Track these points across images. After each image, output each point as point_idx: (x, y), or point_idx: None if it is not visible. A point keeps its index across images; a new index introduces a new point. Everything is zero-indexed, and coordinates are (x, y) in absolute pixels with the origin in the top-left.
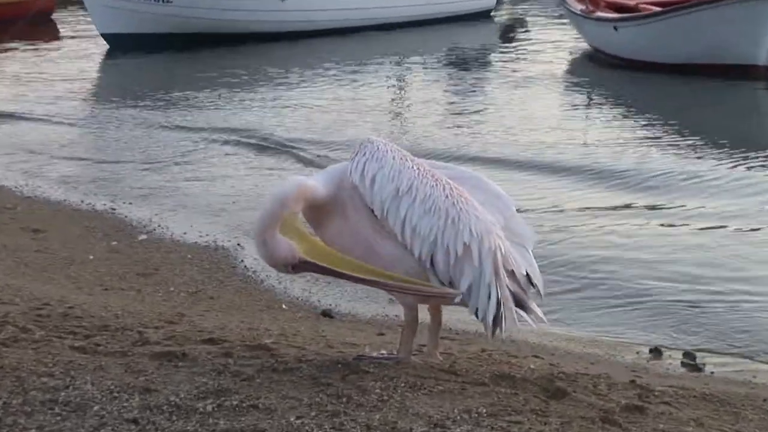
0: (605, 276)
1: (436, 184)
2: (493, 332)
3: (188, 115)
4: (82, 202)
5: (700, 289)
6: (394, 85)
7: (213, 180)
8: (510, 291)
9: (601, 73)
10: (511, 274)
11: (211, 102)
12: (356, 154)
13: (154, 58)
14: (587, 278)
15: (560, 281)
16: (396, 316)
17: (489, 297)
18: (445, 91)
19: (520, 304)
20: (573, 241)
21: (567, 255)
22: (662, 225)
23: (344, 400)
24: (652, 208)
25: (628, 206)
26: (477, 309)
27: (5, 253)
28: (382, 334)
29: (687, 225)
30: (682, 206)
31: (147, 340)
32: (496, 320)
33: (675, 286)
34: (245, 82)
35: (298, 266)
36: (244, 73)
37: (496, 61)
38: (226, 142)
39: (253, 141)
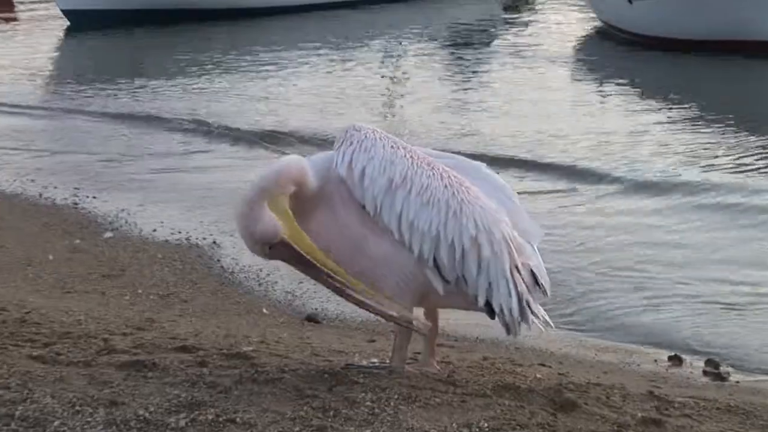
0: (620, 277)
1: (433, 174)
2: (518, 329)
3: (157, 101)
4: (41, 196)
5: (724, 291)
6: (387, 68)
7: (185, 173)
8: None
9: (615, 51)
10: (524, 267)
11: (182, 87)
12: (341, 144)
13: (119, 37)
14: (600, 279)
15: (570, 282)
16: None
17: (509, 292)
18: (444, 74)
19: (528, 304)
20: (584, 238)
21: (578, 253)
22: (682, 223)
23: (331, 413)
24: (671, 206)
25: (644, 203)
26: (499, 306)
27: None
28: (373, 341)
29: (707, 224)
30: (704, 203)
31: (113, 349)
32: (521, 316)
33: (696, 288)
34: (220, 64)
35: (275, 248)
36: (219, 55)
37: (500, 40)
38: (199, 132)
39: (228, 131)
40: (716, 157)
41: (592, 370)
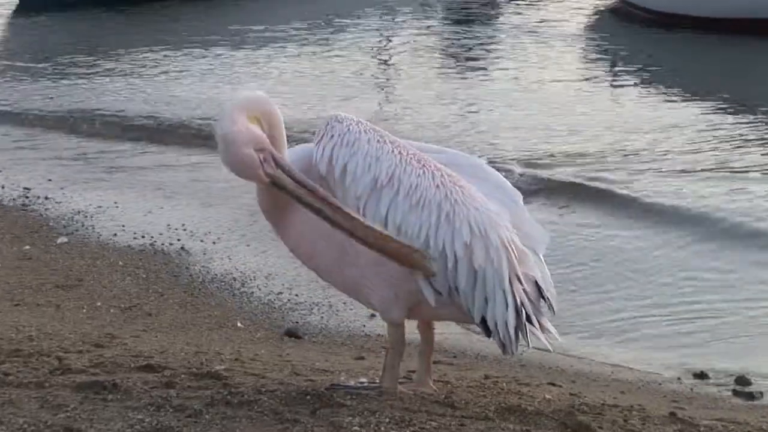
0: (639, 287)
1: (424, 172)
2: (514, 348)
3: (116, 89)
4: None
5: (754, 304)
6: (376, 50)
7: (149, 171)
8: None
9: (629, 30)
10: (526, 278)
11: (145, 73)
12: (321, 137)
13: (72, 18)
14: (617, 289)
15: (583, 293)
16: (379, 335)
17: (506, 304)
18: (442, 55)
19: (529, 319)
20: (600, 246)
21: (591, 261)
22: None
23: None
24: (692, 210)
25: (665, 207)
26: (494, 321)
27: None
28: (362, 358)
29: (735, 229)
30: (731, 209)
31: (68, 368)
32: (518, 332)
33: (725, 297)
34: (186, 48)
35: (269, 161)
36: (185, 38)
37: (505, 17)
38: (162, 126)
39: (195, 122)
40: (747, 169)
41: (608, 390)
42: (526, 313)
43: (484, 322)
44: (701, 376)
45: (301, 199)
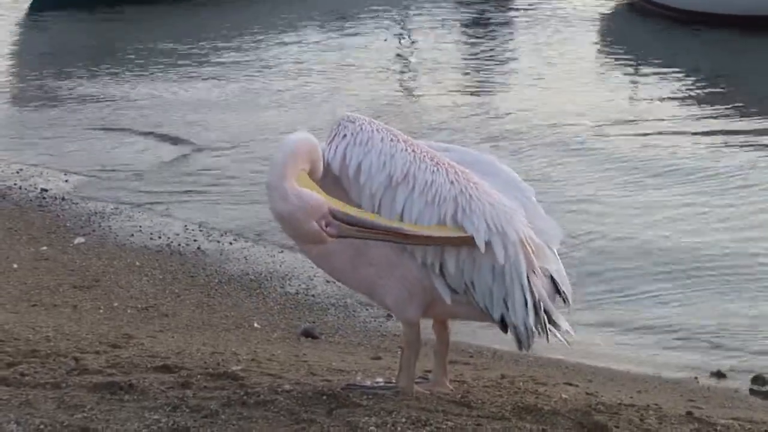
0: (657, 284)
1: (438, 169)
2: (531, 344)
3: (131, 89)
4: (3, 197)
5: None
6: (391, 44)
7: (165, 171)
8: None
9: (648, 28)
10: (542, 273)
11: (160, 72)
12: (334, 137)
13: (84, 19)
14: (634, 287)
15: (599, 290)
16: (395, 335)
17: (525, 300)
18: (457, 53)
19: (547, 314)
20: (615, 240)
21: (608, 256)
22: (725, 226)
23: None
24: (715, 206)
25: (688, 204)
26: (512, 318)
27: None
28: (378, 358)
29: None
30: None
31: (85, 369)
32: (535, 328)
33: (742, 296)
34: (200, 47)
35: (332, 223)
36: (200, 37)
37: (520, 15)
38: (177, 124)
39: (212, 121)
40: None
41: (625, 389)
42: (544, 308)
43: (501, 318)
44: (718, 375)
45: (367, 239)
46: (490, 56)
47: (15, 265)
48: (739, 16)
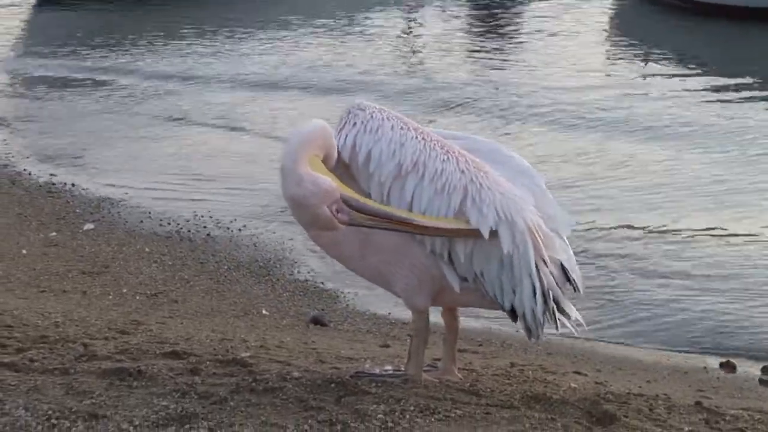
0: (666, 274)
1: (448, 158)
2: (540, 333)
3: (141, 77)
4: (13, 183)
5: None
6: (400, 34)
7: (176, 157)
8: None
9: (659, 20)
10: (552, 261)
11: (168, 59)
12: (344, 125)
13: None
14: (643, 276)
15: (608, 279)
16: (404, 323)
17: (534, 288)
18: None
19: (557, 303)
20: (623, 232)
21: (616, 248)
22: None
23: (339, 427)
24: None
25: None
26: (521, 306)
27: None
28: (387, 346)
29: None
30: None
31: (94, 355)
32: (544, 317)
33: (751, 285)
34: (211, 36)
35: (343, 209)
36: (209, 27)
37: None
38: (187, 112)
39: (223, 109)
40: None
41: (634, 379)
42: (554, 297)
43: (510, 307)
44: (728, 365)
45: (377, 228)
46: (500, 44)
47: (24, 251)
48: (751, 8)
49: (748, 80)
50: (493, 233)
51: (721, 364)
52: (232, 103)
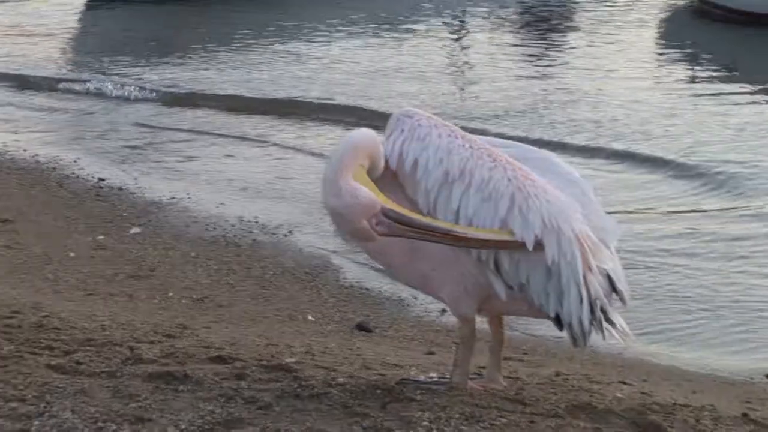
0: (712, 284)
1: (495, 166)
2: (586, 342)
3: (191, 80)
4: (61, 186)
5: None
6: (449, 46)
7: (223, 162)
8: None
9: (710, 31)
10: (599, 271)
11: (220, 65)
12: (391, 132)
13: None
14: (690, 286)
15: (655, 289)
16: (449, 330)
17: (581, 297)
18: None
19: (603, 312)
20: (671, 243)
21: (664, 258)
22: None
23: None
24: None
25: (738, 209)
26: (568, 315)
27: None
28: (432, 353)
29: None
30: None
31: (140, 358)
32: (591, 326)
33: None
34: (260, 40)
35: (382, 221)
36: (259, 30)
37: (579, 16)
38: (236, 114)
39: (270, 114)
40: None
41: (680, 389)
42: (600, 306)
43: (556, 315)
44: None
45: (418, 239)
46: (548, 55)
47: (72, 254)
48: None
49: None
50: (539, 243)
51: (767, 375)
52: (281, 109)
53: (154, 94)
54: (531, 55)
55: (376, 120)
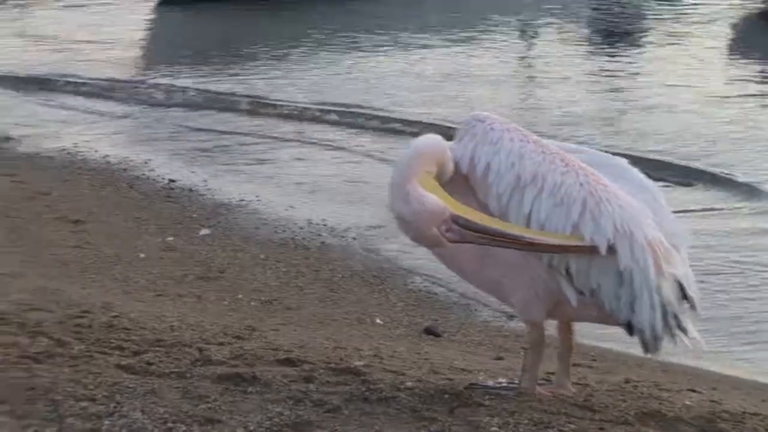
0: None
1: (567, 170)
2: (657, 348)
3: (259, 83)
4: (131, 187)
5: None
6: (518, 55)
7: (292, 164)
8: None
9: None
10: (670, 277)
11: (286, 69)
12: (463, 136)
13: (211, 12)
14: (761, 294)
15: (727, 296)
16: (518, 336)
17: (652, 304)
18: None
19: (676, 318)
20: (743, 250)
21: (737, 266)
22: None
23: None
24: None
25: None
26: (639, 321)
27: (39, 249)
28: (500, 359)
29: None
30: None
31: (209, 360)
32: (662, 333)
33: None
34: (327, 45)
35: (452, 228)
36: (325, 35)
37: (651, 24)
38: (304, 119)
39: (339, 118)
40: None
41: (749, 398)
42: (672, 313)
43: (627, 321)
44: None
45: (488, 245)
46: (619, 66)
47: (142, 255)
48: None
49: None
50: (611, 247)
51: None
52: (351, 113)
53: (222, 98)
54: (600, 66)
55: (445, 128)
